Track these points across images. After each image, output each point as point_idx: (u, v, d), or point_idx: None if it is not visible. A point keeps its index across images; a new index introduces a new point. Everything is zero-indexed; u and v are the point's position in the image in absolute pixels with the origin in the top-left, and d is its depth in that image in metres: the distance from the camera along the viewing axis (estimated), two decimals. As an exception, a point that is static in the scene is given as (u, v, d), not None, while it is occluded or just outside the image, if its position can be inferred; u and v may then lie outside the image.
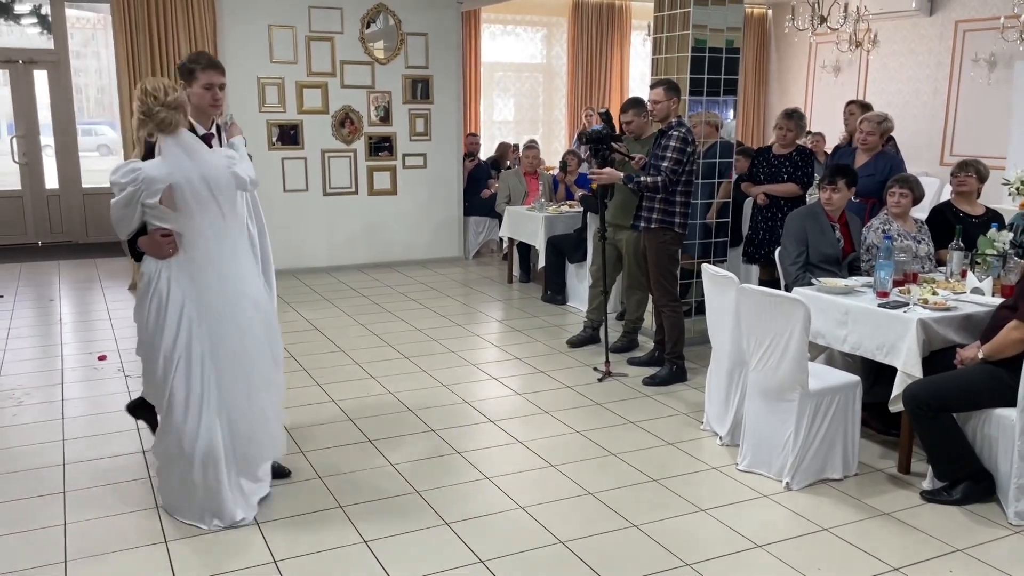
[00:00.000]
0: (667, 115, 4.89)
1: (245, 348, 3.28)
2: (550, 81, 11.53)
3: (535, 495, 3.55)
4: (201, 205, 3.13)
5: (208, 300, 3.21)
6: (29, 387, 4.80)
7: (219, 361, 3.24)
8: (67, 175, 9.39)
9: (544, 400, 4.70)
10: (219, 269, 3.22)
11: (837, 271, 4.56)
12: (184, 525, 3.25)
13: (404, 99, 8.38)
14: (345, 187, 8.26)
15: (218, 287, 3.22)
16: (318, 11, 7.85)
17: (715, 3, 5.39)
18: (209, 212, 3.15)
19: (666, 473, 3.77)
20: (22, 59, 8.98)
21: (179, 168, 3.09)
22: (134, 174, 3.07)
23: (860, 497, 3.56)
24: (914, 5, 9.50)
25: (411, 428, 4.28)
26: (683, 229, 4.98)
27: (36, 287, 7.37)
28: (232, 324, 3.25)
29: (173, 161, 3.10)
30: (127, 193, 3.08)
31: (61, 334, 5.94)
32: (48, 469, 3.74)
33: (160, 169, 3.08)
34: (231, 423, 3.29)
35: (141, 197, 3.08)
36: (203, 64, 3.43)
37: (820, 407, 3.62)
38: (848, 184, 4.60)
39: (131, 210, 3.12)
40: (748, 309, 3.72)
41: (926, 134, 9.77)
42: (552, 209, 7.27)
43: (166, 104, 3.06)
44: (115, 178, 3.10)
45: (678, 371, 5.01)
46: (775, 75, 12.22)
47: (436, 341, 5.84)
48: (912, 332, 3.62)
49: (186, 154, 3.12)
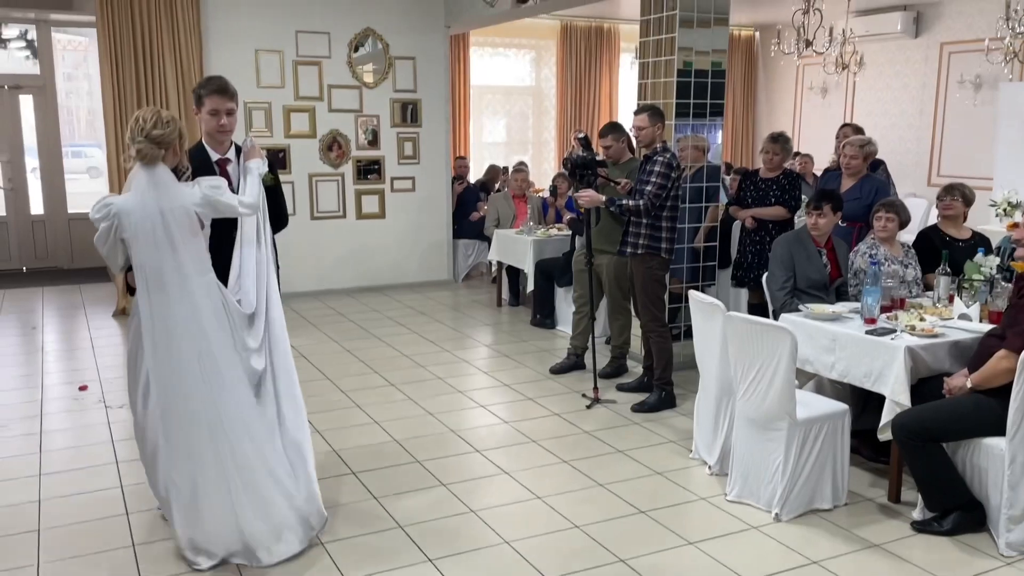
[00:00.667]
0: (652, 140, 4.88)
1: (189, 412, 3.08)
2: (539, 103, 11.56)
3: (521, 529, 3.49)
4: (155, 240, 3.02)
5: (164, 347, 3.08)
6: (8, 418, 4.72)
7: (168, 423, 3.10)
8: (52, 200, 9.32)
9: (531, 428, 4.65)
10: (173, 313, 3.07)
11: (824, 296, 4.53)
12: (161, 566, 3.17)
13: (392, 122, 8.37)
14: (333, 211, 8.23)
15: (169, 335, 3.08)
16: (305, 36, 7.85)
17: (700, 26, 5.41)
18: (162, 248, 3.03)
19: (654, 504, 3.71)
20: (7, 84, 8.95)
21: (143, 201, 3.02)
22: (107, 208, 3.02)
23: (850, 528, 3.51)
24: (899, 27, 9.56)
25: (396, 459, 4.21)
26: (670, 254, 4.95)
27: (19, 313, 7.29)
28: (179, 386, 3.08)
29: (139, 194, 3.03)
30: (103, 228, 3.04)
31: (43, 363, 5.86)
32: (23, 506, 3.66)
33: (129, 202, 3.03)
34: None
35: (117, 232, 3.03)
36: (209, 89, 3.41)
37: (808, 436, 3.58)
38: (834, 209, 4.59)
39: (112, 245, 3.07)
40: (735, 337, 3.68)
41: (913, 155, 9.81)
42: (540, 232, 7.25)
43: (148, 136, 3.00)
44: (92, 214, 3.05)
45: (667, 397, 4.97)
46: (763, 97, 12.28)
47: (423, 367, 5.78)
48: (899, 360, 3.58)
49: (153, 187, 3.03)
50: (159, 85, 7.23)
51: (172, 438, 3.10)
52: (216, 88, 3.41)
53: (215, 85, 3.42)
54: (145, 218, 3.01)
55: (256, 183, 3.33)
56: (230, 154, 3.57)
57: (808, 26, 8.19)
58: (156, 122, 3.03)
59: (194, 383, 3.08)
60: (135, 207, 3.02)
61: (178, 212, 3.04)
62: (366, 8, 8.08)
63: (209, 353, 3.09)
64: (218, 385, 3.10)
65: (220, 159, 3.55)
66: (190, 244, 3.07)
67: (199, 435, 3.09)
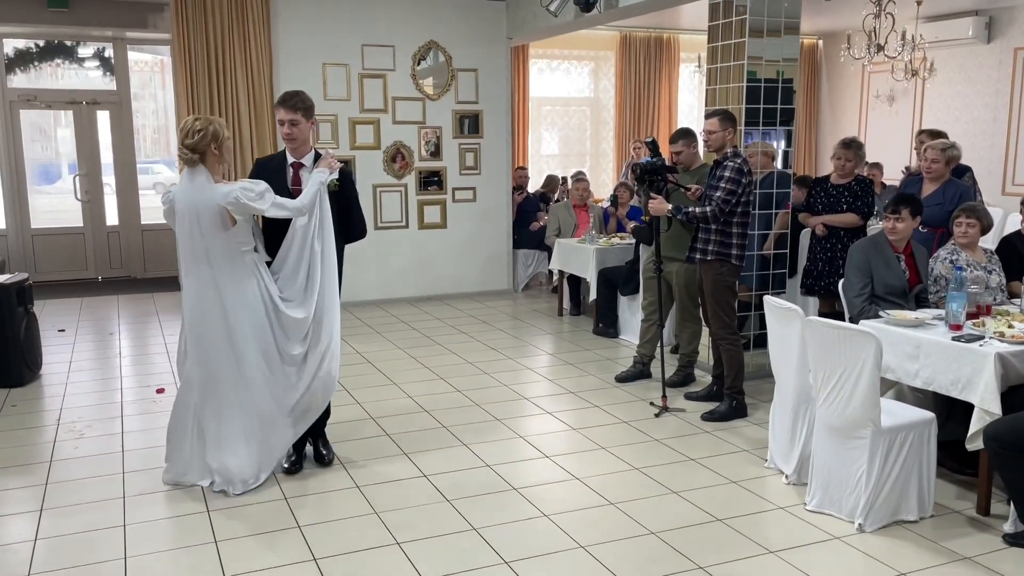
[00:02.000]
0: (722, 145, 4.82)
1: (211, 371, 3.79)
2: (597, 114, 11.55)
3: (595, 534, 3.46)
4: (190, 229, 3.67)
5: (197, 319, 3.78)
6: (90, 419, 4.87)
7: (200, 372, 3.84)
8: (127, 212, 9.64)
9: (600, 435, 4.61)
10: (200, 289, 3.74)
11: (904, 303, 4.40)
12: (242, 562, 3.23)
13: (454, 134, 8.45)
14: (396, 221, 8.33)
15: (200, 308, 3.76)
16: (371, 49, 7.99)
17: (771, 35, 5.34)
18: (195, 237, 3.67)
19: (731, 512, 3.65)
20: (85, 100, 9.30)
21: (183, 195, 3.67)
22: (168, 193, 3.74)
23: (938, 540, 3.39)
24: (971, 33, 9.32)
25: (466, 463, 4.22)
26: (740, 261, 4.88)
27: (96, 321, 7.54)
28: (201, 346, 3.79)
29: (182, 189, 3.69)
30: (166, 208, 3.76)
31: (120, 367, 6.04)
32: (109, 502, 3.77)
33: (178, 192, 3.72)
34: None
35: (172, 212, 3.72)
36: (277, 102, 3.97)
37: (893, 445, 3.47)
38: (912, 213, 4.46)
39: (172, 220, 3.74)
40: (815, 343, 3.60)
41: (986, 163, 9.51)
42: (603, 241, 7.22)
43: (184, 144, 3.63)
44: (159, 193, 3.83)
45: (738, 406, 4.88)
46: (827, 105, 12.07)
47: (488, 374, 5.79)
48: (990, 367, 3.46)
49: (190, 186, 3.66)
50: (231, 99, 7.44)
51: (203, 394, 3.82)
52: (281, 100, 3.94)
53: (281, 98, 3.95)
54: (183, 210, 3.67)
55: (312, 190, 3.79)
56: (306, 159, 4.02)
57: (880, 30, 8.03)
58: (189, 132, 3.64)
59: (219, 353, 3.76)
60: (179, 198, 3.69)
61: (209, 208, 3.63)
62: (430, 22, 8.20)
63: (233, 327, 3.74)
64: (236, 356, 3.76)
65: (294, 162, 4.01)
66: (219, 235, 3.67)
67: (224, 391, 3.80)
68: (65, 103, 9.26)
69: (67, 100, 9.25)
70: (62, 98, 9.24)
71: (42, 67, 9.38)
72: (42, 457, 4.30)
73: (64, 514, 3.64)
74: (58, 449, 4.41)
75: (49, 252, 9.39)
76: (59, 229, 9.44)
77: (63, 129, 9.54)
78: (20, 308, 5.54)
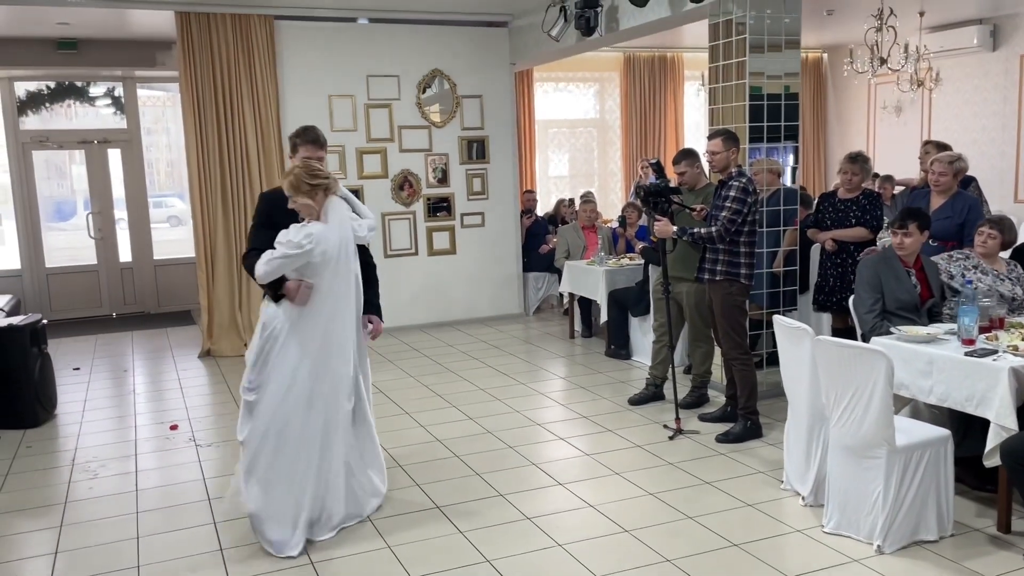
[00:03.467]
0: (726, 165, 4.81)
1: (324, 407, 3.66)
2: (604, 135, 11.58)
3: (610, 563, 3.42)
4: (333, 266, 3.53)
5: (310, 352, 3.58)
6: (104, 459, 4.88)
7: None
8: (140, 248, 9.73)
9: (614, 460, 4.58)
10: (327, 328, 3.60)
11: (916, 318, 4.36)
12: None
13: (461, 160, 8.49)
14: (405, 248, 8.36)
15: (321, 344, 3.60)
16: (376, 79, 8.06)
17: (771, 51, 5.35)
18: (340, 273, 3.57)
19: (748, 537, 3.60)
20: (97, 139, 9.42)
21: (335, 230, 3.54)
22: (312, 236, 3.47)
23: (959, 560, 3.33)
24: (976, 41, 9.29)
25: (479, 493, 4.19)
26: (749, 280, 4.85)
27: (111, 358, 7.58)
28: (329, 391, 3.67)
29: (335, 224, 3.55)
30: (304, 251, 3.46)
31: (135, 404, 6.06)
32: (121, 543, 3.77)
33: (329, 231, 3.53)
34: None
35: (312, 256, 3.47)
36: (305, 140, 3.84)
37: (910, 463, 3.42)
38: (920, 228, 4.42)
39: (292, 264, 3.48)
40: (826, 362, 3.57)
41: (996, 171, 9.45)
42: (612, 262, 7.21)
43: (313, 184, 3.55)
44: (296, 239, 3.45)
45: (752, 427, 4.84)
46: (834, 118, 12.05)
47: (500, 401, 5.77)
48: (1004, 381, 3.42)
49: (337, 218, 3.56)
50: (239, 134, 7.51)
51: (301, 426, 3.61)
52: (311, 139, 3.82)
53: (311, 136, 3.83)
54: (335, 246, 3.54)
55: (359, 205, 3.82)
56: None
57: (882, 44, 8.02)
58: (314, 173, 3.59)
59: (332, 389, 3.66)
60: (335, 236, 3.55)
61: (349, 241, 3.62)
62: (433, 50, 8.26)
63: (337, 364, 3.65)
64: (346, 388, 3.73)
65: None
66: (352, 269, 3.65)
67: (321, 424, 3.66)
68: (76, 143, 9.38)
69: (78, 140, 9.37)
70: (73, 138, 9.37)
71: (53, 108, 9.53)
72: (57, 499, 4.31)
73: (78, 557, 3.64)
74: (73, 490, 4.42)
75: (64, 290, 9.47)
76: (73, 267, 9.53)
77: (77, 166, 9.66)
78: (34, 349, 5.58)
